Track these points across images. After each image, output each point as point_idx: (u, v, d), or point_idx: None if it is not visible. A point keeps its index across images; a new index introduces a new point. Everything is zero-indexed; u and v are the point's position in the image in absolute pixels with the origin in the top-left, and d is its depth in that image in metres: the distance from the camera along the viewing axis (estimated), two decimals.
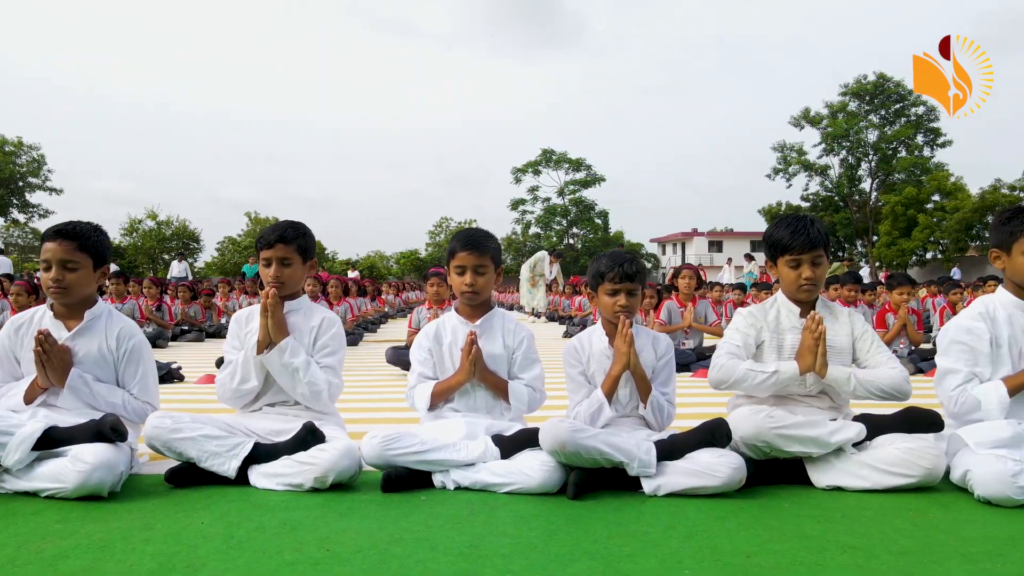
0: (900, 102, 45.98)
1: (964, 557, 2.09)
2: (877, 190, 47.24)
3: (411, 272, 52.64)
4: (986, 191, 40.05)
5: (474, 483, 2.73)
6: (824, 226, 3.07)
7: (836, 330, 3.09)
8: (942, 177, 42.81)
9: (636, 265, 2.98)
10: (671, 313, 7.21)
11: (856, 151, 46.73)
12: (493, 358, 3.04)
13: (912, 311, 6.93)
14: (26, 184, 43.65)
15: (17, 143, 43.44)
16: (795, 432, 2.76)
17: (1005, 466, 2.53)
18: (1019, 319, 2.95)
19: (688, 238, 59.77)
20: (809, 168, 48.00)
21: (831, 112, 46.83)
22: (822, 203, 48.31)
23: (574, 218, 56.40)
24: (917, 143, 46.08)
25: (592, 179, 56.15)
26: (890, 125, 46.47)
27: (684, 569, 2.00)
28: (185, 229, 48.29)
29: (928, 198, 42.81)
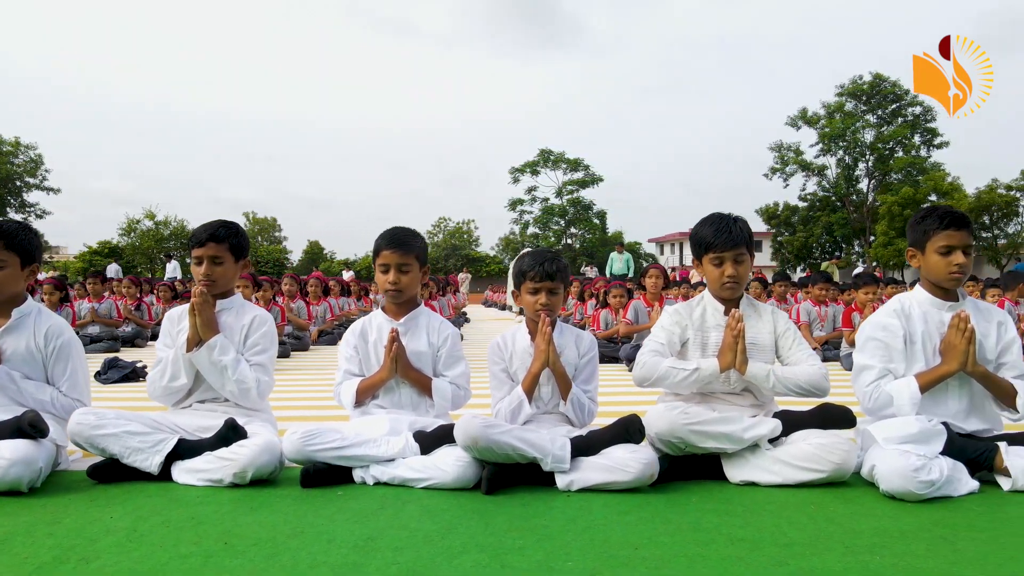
0: (896, 102, 45.97)
1: (846, 549, 2.14)
2: (874, 190, 47.20)
3: None
4: (982, 191, 40.03)
5: (393, 478, 2.78)
6: (747, 225, 3.11)
7: (759, 328, 3.13)
8: (938, 177, 42.75)
9: (557, 264, 3.02)
10: (638, 313, 7.25)
11: (853, 151, 46.71)
12: (417, 355, 3.09)
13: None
14: (23, 184, 43.75)
15: (14, 143, 43.57)
16: (709, 428, 2.80)
17: (908, 461, 2.57)
18: (934, 316, 3.00)
19: (685, 238, 59.69)
20: (806, 168, 47.98)
21: (828, 112, 46.81)
22: (819, 203, 48.26)
23: (572, 218, 56.38)
24: (914, 143, 46.05)
25: (590, 179, 56.14)
26: (887, 125, 46.45)
27: (568, 561, 2.05)
28: (183, 229, 48.34)
29: (925, 198, 42.75)
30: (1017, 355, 2.98)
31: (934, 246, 2.94)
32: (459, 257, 53.74)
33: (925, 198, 42.71)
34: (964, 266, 2.91)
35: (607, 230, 57.26)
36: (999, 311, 3.09)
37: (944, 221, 2.92)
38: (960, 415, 2.94)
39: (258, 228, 53.81)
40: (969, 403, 2.96)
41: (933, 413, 2.90)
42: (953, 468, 2.67)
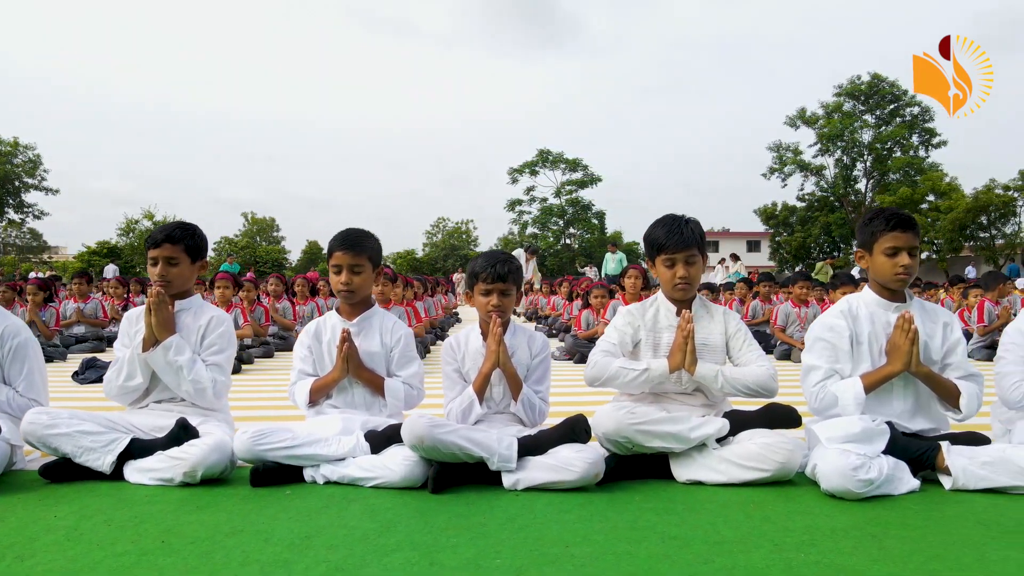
0: (895, 102, 46.00)
1: (774, 546, 2.17)
2: (872, 190, 47.23)
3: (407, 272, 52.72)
4: (980, 191, 40.03)
5: (342, 477, 2.81)
6: (699, 227, 3.14)
7: (711, 329, 3.16)
8: (936, 177, 42.76)
9: (509, 266, 3.05)
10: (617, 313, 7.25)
11: (851, 151, 46.74)
12: (370, 356, 3.12)
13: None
14: (22, 184, 43.82)
15: (13, 143, 43.63)
16: (655, 428, 2.83)
17: (847, 460, 2.60)
18: (881, 317, 3.02)
19: None
20: (804, 168, 48.01)
21: (827, 112, 46.84)
22: (818, 203, 48.30)
23: (571, 218, 56.35)
24: (912, 143, 46.07)
25: (589, 179, 56.11)
26: (885, 125, 46.47)
27: (497, 559, 2.08)
28: None
29: (922, 198, 42.76)
30: (962, 356, 3.01)
31: (881, 247, 2.97)
32: (458, 257, 53.77)
33: (923, 198, 42.73)
34: (909, 267, 2.94)
35: (606, 230, 57.25)
36: (945, 312, 3.12)
37: (891, 223, 2.95)
38: (905, 415, 2.97)
39: (256, 228, 53.79)
40: (915, 403, 2.99)
41: (879, 413, 2.94)
42: (895, 467, 2.70)
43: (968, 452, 2.74)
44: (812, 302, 7.86)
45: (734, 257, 23.30)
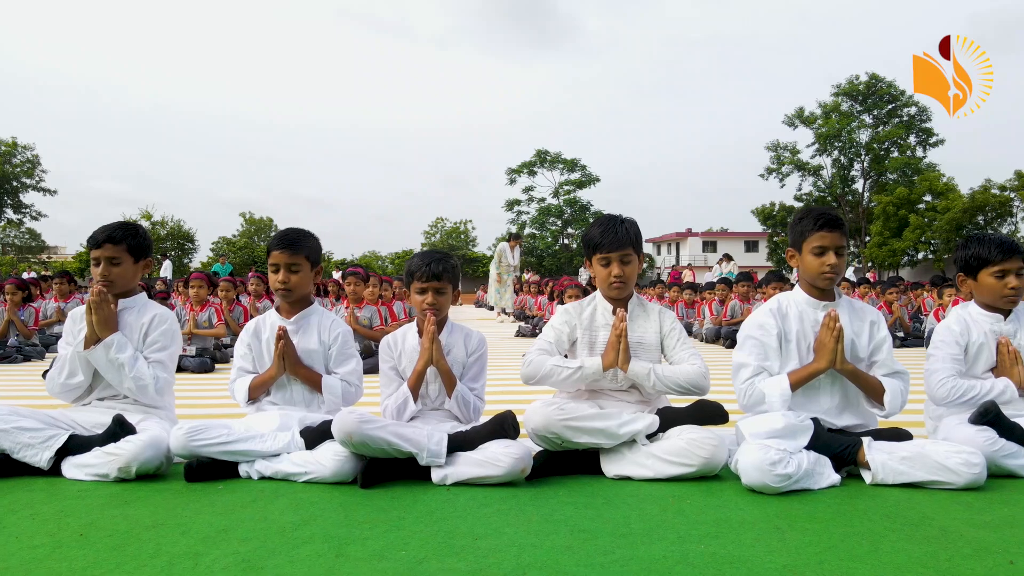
0: (892, 103, 46.04)
1: (678, 538, 2.21)
2: (869, 190, 47.26)
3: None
4: (976, 191, 40.06)
5: (276, 472, 2.86)
6: (635, 227, 3.19)
7: (646, 328, 3.21)
8: (933, 177, 42.80)
9: (444, 264, 3.10)
10: None
11: (848, 151, 46.77)
12: (308, 353, 3.17)
13: None
14: (20, 184, 43.93)
15: (11, 143, 43.76)
16: (584, 424, 2.88)
17: (766, 455, 2.65)
18: (809, 315, 3.07)
19: (682, 238, 59.82)
20: (802, 168, 48.06)
21: (824, 112, 46.88)
22: (815, 203, 48.30)
23: (569, 218, 56.44)
24: (909, 143, 46.10)
25: (587, 179, 56.22)
26: (882, 125, 46.52)
27: (402, 551, 2.13)
28: (180, 229, 48.52)
29: (919, 198, 42.81)
30: (887, 353, 3.06)
31: (809, 246, 3.02)
32: (455, 257, 53.82)
33: (920, 198, 42.77)
34: (836, 266, 2.99)
35: None
36: (873, 311, 3.17)
37: (818, 223, 2.99)
38: (833, 411, 3.02)
39: (254, 228, 53.86)
40: (842, 400, 3.03)
41: (807, 409, 2.99)
42: (816, 462, 2.75)
43: (888, 448, 2.79)
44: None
45: (727, 258, 23.37)
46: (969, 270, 3.21)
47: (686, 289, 11.56)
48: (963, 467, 2.66)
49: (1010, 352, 3.09)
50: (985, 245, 3.15)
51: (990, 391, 3.03)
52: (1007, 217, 39.70)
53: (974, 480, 2.66)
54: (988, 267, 3.13)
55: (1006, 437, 2.87)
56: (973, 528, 2.29)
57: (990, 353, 3.15)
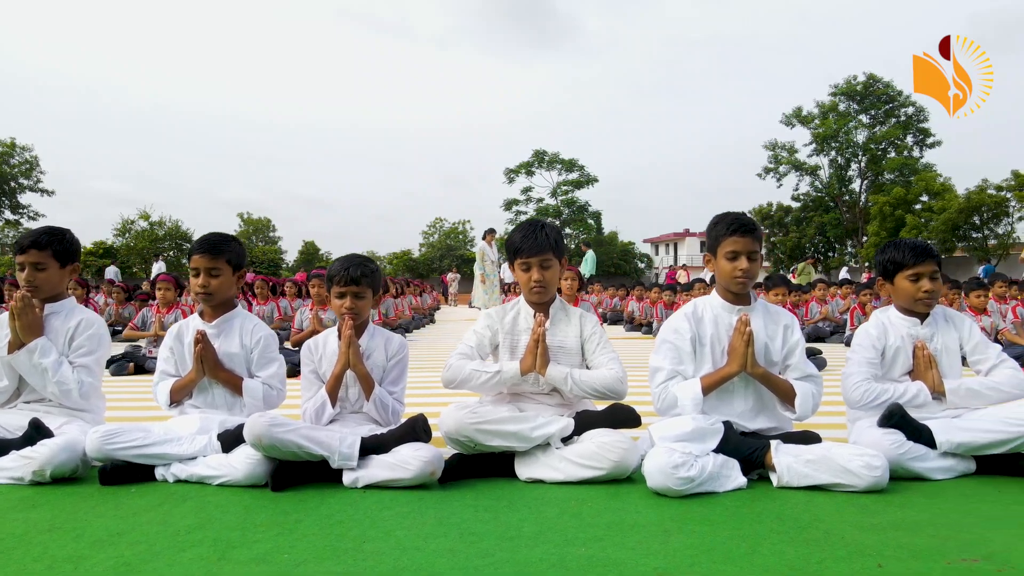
0: (889, 103, 45.97)
1: (564, 541, 2.24)
2: (866, 190, 47.20)
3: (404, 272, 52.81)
4: (972, 192, 39.96)
5: (191, 476, 2.89)
6: (556, 232, 3.22)
7: (567, 332, 3.23)
8: (930, 178, 42.70)
9: (363, 269, 3.13)
10: None
11: (845, 151, 46.72)
12: (230, 356, 3.20)
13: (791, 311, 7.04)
14: (18, 185, 44.02)
15: (10, 144, 43.83)
16: (496, 427, 2.91)
17: (669, 458, 2.67)
18: (724, 319, 3.10)
19: (680, 238, 59.86)
20: (799, 168, 48.01)
21: (822, 112, 46.83)
22: (812, 203, 48.28)
23: (567, 219, 56.42)
24: (906, 144, 46.04)
25: (585, 180, 56.21)
26: (880, 125, 46.46)
27: (284, 554, 2.16)
28: (178, 229, 48.57)
29: (916, 199, 42.72)
30: (800, 357, 3.08)
31: (723, 251, 3.05)
32: (454, 258, 53.77)
33: (917, 198, 42.71)
34: (748, 271, 3.01)
35: (603, 231, 57.31)
36: (787, 314, 3.19)
37: (731, 228, 3.02)
38: (747, 414, 3.05)
39: (253, 229, 53.95)
40: (756, 403, 3.06)
41: (721, 412, 3.01)
42: (723, 465, 2.77)
43: (795, 451, 2.81)
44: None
45: None
46: (886, 274, 3.23)
47: (666, 291, 11.58)
48: (864, 470, 2.68)
49: (925, 356, 3.11)
50: (900, 249, 3.17)
51: (903, 394, 3.05)
52: (1003, 217, 39.57)
53: (875, 483, 2.68)
54: (903, 271, 3.15)
55: (913, 439, 2.90)
56: (858, 530, 2.32)
57: (907, 357, 3.18)
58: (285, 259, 54.19)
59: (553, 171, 56.53)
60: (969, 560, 2.06)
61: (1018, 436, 2.83)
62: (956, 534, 2.27)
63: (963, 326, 3.22)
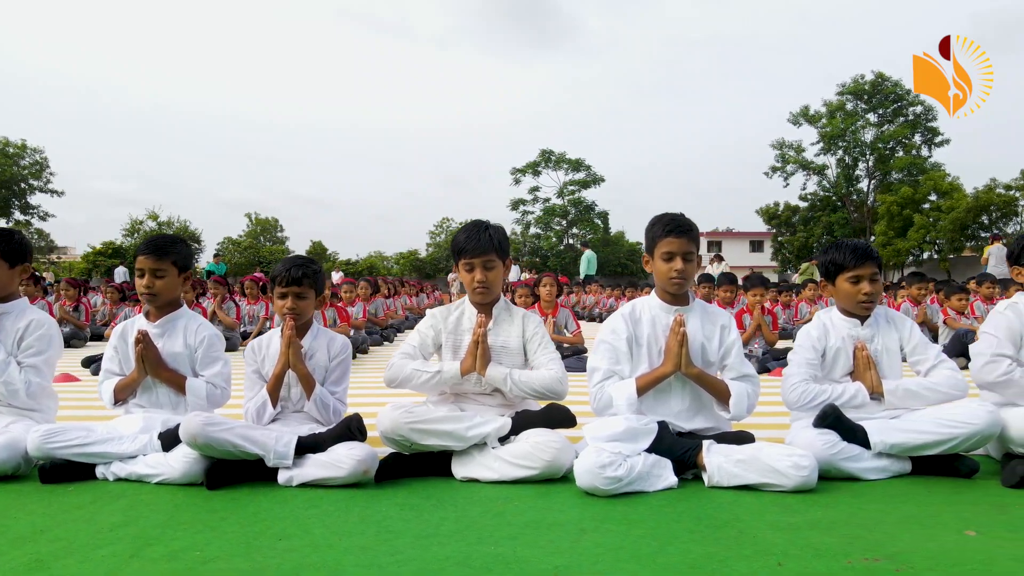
0: (897, 102, 45.69)
1: (477, 540, 2.26)
2: (874, 190, 46.95)
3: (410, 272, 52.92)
4: (981, 191, 39.70)
5: (130, 474, 2.93)
6: (500, 233, 3.24)
7: (510, 332, 3.25)
8: (938, 177, 42.44)
9: (304, 270, 3.16)
10: None
11: (853, 151, 46.48)
12: (174, 356, 3.23)
13: (767, 311, 7.05)
14: (28, 186, 44.38)
15: (20, 145, 44.21)
16: (432, 427, 2.93)
17: (598, 458, 2.69)
18: (661, 320, 3.11)
19: None
20: (806, 167, 47.80)
21: (829, 111, 46.61)
22: (820, 203, 48.06)
23: (573, 218, 56.37)
24: (914, 143, 45.77)
25: (591, 179, 56.11)
26: (888, 124, 46.20)
27: (196, 552, 2.19)
28: (185, 230, 48.84)
29: (924, 198, 42.46)
30: (736, 357, 3.09)
31: (659, 252, 3.06)
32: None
33: (925, 198, 42.44)
34: (683, 271, 3.02)
35: (610, 231, 57.25)
36: (725, 315, 3.20)
37: (667, 228, 3.03)
38: (683, 415, 3.06)
39: (260, 229, 54.19)
40: (693, 403, 3.07)
41: (657, 412, 3.03)
42: (654, 465, 2.79)
43: (726, 451, 2.82)
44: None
45: (718, 258, 23.32)
46: (828, 276, 3.24)
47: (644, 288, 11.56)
48: (792, 470, 2.69)
49: (863, 356, 3.12)
50: (841, 251, 3.17)
51: (840, 395, 3.06)
52: (1012, 216, 39.31)
53: (803, 482, 2.69)
54: (844, 272, 3.16)
55: (848, 440, 2.90)
56: (772, 530, 2.32)
57: (847, 358, 3.18)
58: None
59: (560, 171, 56.46)
60: (871, 559, 2.07)
61: (952, 437, 2.83)
62: (868, 534, 2.28)
63: (903, 327, 3.22)
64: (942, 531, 2.30)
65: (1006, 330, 3.10)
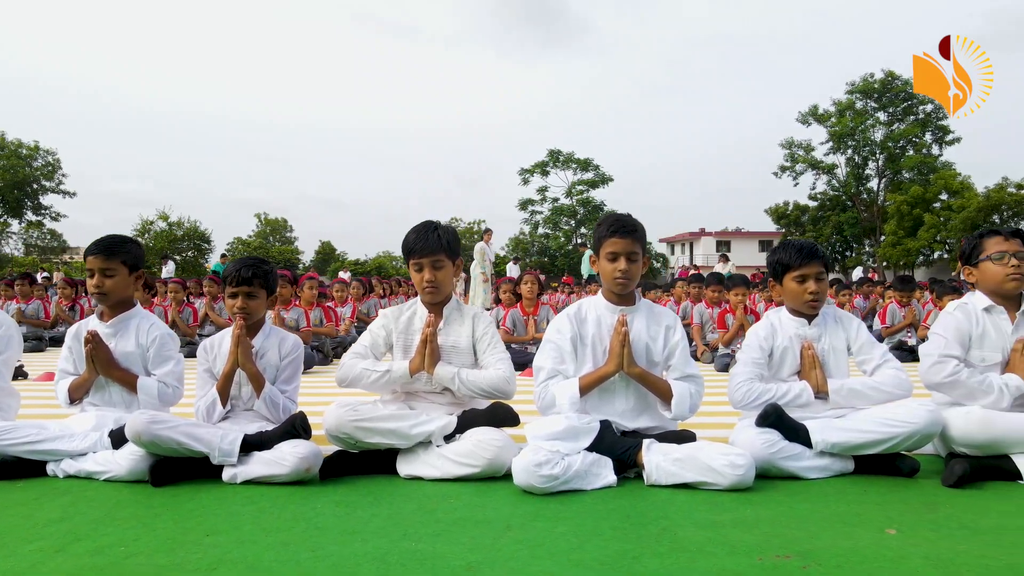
0: (908, 100, 45.36)
1: (400, 536, 2.28)
2: (884, 189, 46.66)
3: None
4: (992, 190, 39.39)
5: (79, 471, 2.97)
6: (449, 234, 3.26)
7: (460, 332, 3.28)
8: (949, 176, 42.13)
9: (255, 270, 3.20)
10: (516, 322, 7.38)
11: (862, 150, 46.20)
12: (126, 356, 3.28)
13: (750, 311, 7.04)
14: (40, 187, 44.80)
15: (34, 147, 44.62)
16: (376, 425, 2.97)
17: (534, 456, 2.71)
18: (607, 319, 3.13)
19: (696, 238, 59.55)
20: (816, 166, 47.56)
21: (839, 110, 46.35)
22: (830, 202, 47.82)
23: (582, 218, 56.32)
24: (925, 141, 45.44)
25: (600, 179, 56.05)
26: (898, 123, 45.90)
27: (120, 547, 2.22)
28: (196, 230, 49.14)
29: (935, 197, 42.17)
30: (680, 357, 3.10)
31: (604, 252, 3.08)
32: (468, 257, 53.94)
33: (935, 197, 42.14)
34: (627, 272, 3.04)
35: None
36: (670, 315, 3.21)
37: (611, 229, 3.05)
38: (627, 414, 3.08)
39: (270, 229, 54.46)
40: (637, 403, 3.09)
41: (602, 412, 3.05)
42: (594, 463, 2.81)
43: (665, 449, 2.84)
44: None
45: (724, 258, 23.26)
46: (776, 275, 3.25)
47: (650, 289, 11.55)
48: (728, 468, 2.70)
49: (809, 355, 3.12)
50: (787, 251, 3.18)
51: (785, 394, 3.06)
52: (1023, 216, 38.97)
53: (739, 481, 2.70)
54: (790, 272, 3.17)
55: (790, 439, 2.91)
56: (695, 527, 2.34)
57: (795, 357, 3.18)
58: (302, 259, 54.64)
59: (568, 171, 56.43)
60: (782, 557, 2.08)
61: (892, 436, 2.84)
62: (788, 532, 2.29)
63: (851, 326, 3.22)
64: (863, 529, 2.31)
65: (954, 331, 3.09)
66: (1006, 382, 2.96)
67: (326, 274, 44.49)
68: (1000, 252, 3.07)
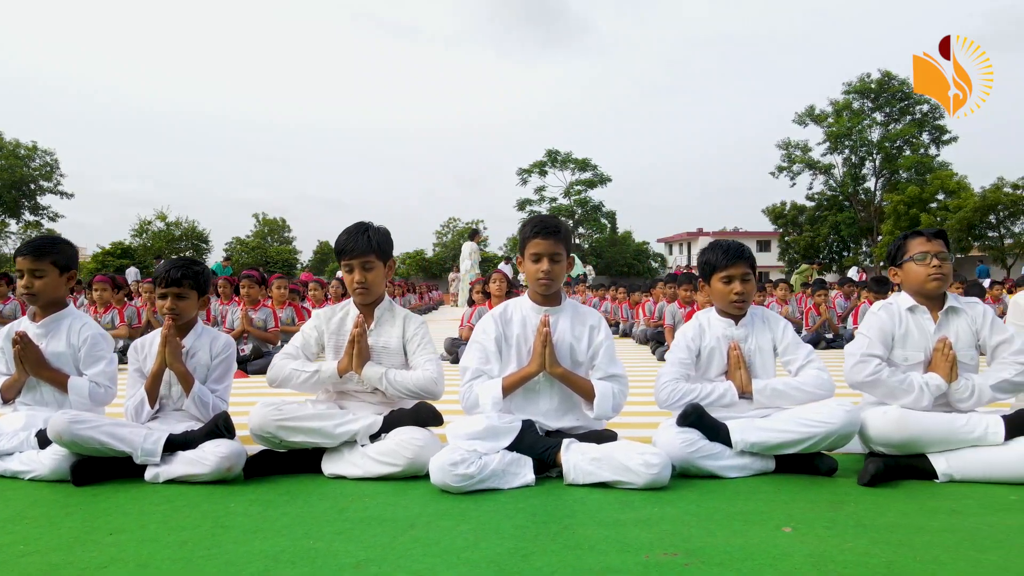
0: (904, 100, 45.32)
1: (303, 534, 2.30)
2: (881, 189, 46.61)
3: (417, 272, 53.10)
4: (988, 190, 39.31)
5: (4, 471, 3.00)
6: (381, 235, 3.27)
7: (391, 333, 3.30)
8: (945, 176, 42.06)
9: (184, 271, 3.22)
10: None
11: (859, 150, 46.16)
12: (57, 356, 3.29)
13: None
14: (38, 187, 44.85)
15: (32, 147, 44.68)
16: (299, 424, 2.99)
17: (451, 455, 2.73)
18: (532, 320, 3.15)
19: (694, 238, 59.52)
20: (813, 167, 47.52)
21: (835, 110, 46.32)
22: (827, 202, 47.77)
23: (580, 218, 56.36)
24: (922, 141, 45.38)
25: (598, 179, 56.09)
26: (894, 123, 45.85)
27: (20, 546, 2.24)
28: (194, 230, 49.21)
29: (932, 197, 42.09)
30: (604, 357, 3.12)
31: (528, 253, 3.10)
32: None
33: (932, 197, 42.08)
34: (550, 273, 3.06)
35: (617, 230, 57.21)
36: (595, 315, 3.23)
37: (534, 230, 3.07)
38: (552, 413, 3.09)
39: (268, 229, 54.50)
40: (561, 402, 3.10)
41: (526, 411, 3.06)
42: (511, 463, 2.82)
43: (583, 449, 2.85)
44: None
45: None
46: (704, 276, 3.27)
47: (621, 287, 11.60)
48: (642, 467, 2.72)
49: (734, 356, 3.14)
50: (714, 251, 3.20)
51: (710, 394, 3.08)
52: (1020, 216, 38.90)
53: (653, 480, 2.72)
54: (717, 272, 3.18)
55: (711, 438, 2.92)
56: (597, 526, 2.35)
57: (722, 357, 3.20)
58: (300, 259, 54.69)
59: (566, 171, 56.48)
60: (669, 554, 2.09)
61: (810, 436, 2.86)
62: (685, 530, 2.31)
63: (777, 327, 3.24)
64: (760, 528, 2.33)
65: (878, 331, 3.11)
66: (927, 381, 2.98)
67: (324, 274, 44.48)
68: (922, 253, 3.08)
